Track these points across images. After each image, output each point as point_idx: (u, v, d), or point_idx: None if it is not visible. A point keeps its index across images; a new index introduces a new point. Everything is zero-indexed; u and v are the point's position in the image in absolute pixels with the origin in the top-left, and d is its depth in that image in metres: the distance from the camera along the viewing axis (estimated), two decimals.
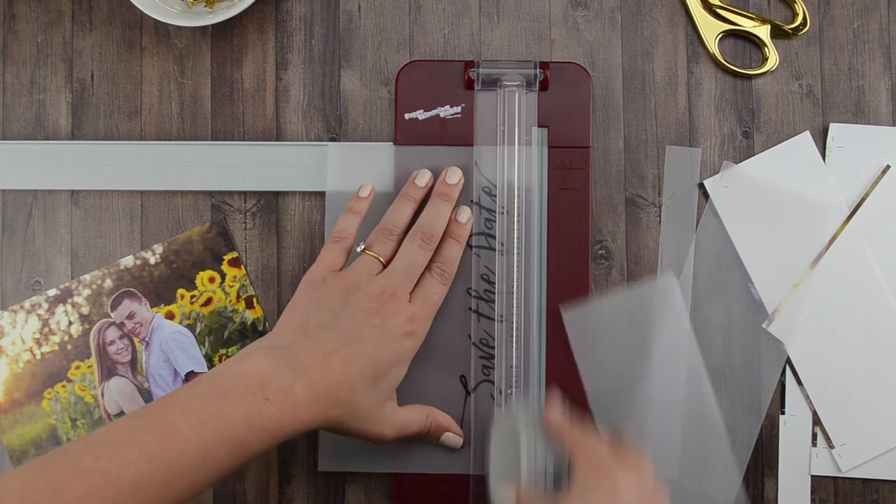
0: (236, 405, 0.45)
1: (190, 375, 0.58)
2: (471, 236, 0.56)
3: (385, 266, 0.53)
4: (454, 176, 0.56)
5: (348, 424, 0.49)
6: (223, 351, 0.58)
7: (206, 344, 0.58)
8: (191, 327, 0.58)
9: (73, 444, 0.44)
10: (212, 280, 0.58)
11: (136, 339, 0.58)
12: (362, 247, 0.53)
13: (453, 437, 0.55)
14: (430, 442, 0.55)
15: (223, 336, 0.58)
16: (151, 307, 0.58)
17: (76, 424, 0.58)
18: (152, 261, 0.58)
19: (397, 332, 0.50)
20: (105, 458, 0.43)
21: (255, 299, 0.58)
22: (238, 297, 0.58)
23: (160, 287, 0.58)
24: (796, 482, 0.57)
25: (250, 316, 0.58)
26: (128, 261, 0.58)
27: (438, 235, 0.54)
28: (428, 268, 0.53)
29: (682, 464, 0.56)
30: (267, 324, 0.58)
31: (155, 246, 0.58)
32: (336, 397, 0.48)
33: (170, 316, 0.58)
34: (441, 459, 0.56)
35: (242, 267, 0.58)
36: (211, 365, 0.58)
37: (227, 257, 0.58)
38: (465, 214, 0.56)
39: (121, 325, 0.58)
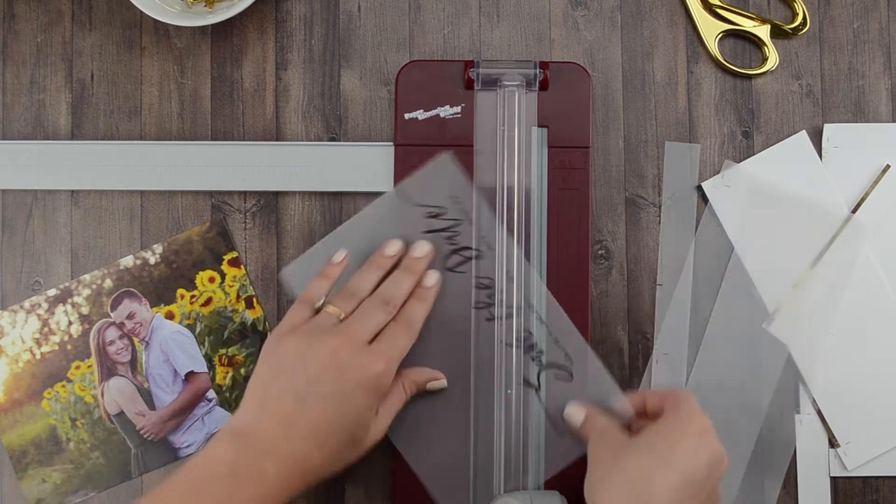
0: (210, 494, 0.46)
1: (190, 375, 0.58)
2: (467, 249, 0.56)
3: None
4: (422, 249, 0.55)
5: (335, 472, 0.50)
6: (223, 351, 0.58)
7: (206, 344, 0.58)
8: (191, 327, 0.58)
9: None
10: (212, 280, 0.58)
11: (135, 339, 0.58)
12: (321, 302, 0.53)
13: (437, 383, 0.55)
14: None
15: (223, 336, 0.58)
16: (151, 307, 0.58)
17: (76, 424, 0.58)
18: (152, 261, 0.58)
19: (359, 379, 0.49)
20: None
21: (255, 299, 0.58)
22: (238, 297, 0.58)
23: (160, 287, 0.58)
24: (814, 483, 0.57)
25: (250, 316, 0.58)
26: (128, 261, 0.58)
27: (398, 304, 0.53)
28: (392, 320, 0.52)
29: None
30: (267, 323, 0.58)
31: (155, 246, 0.58)
32: (311, 465, 0.48)
33: (170, 316, 0.58)
34: (443, 425, 0.56)
35: (242, 267, 0.58)
36: (210, 365, 0.58)
37: (226, 257, 0.58)
38: (432, 279, 0.55)
39: (121, 325, 0.58)
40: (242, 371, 0.58)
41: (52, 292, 0.58)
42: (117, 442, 0.58)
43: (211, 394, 0.58)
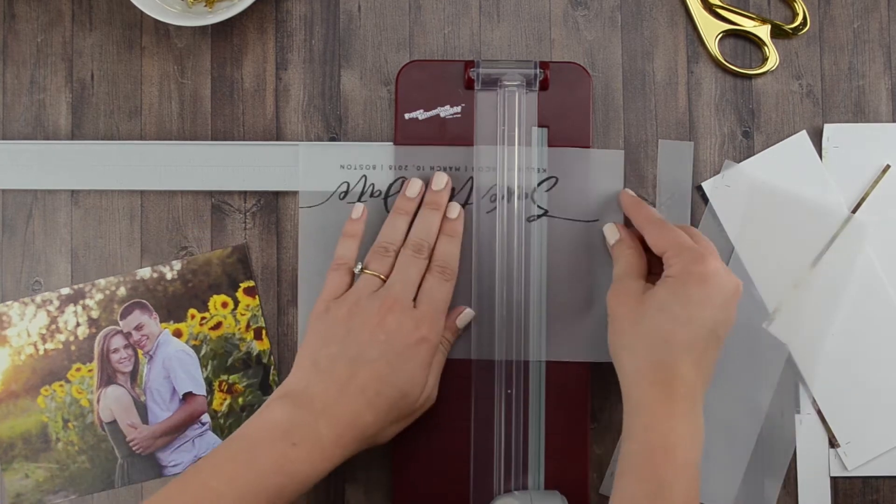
0: (264, 456, 0.47)
1: (187, 396, 0.58)
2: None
3: (384, 282, 0.53)
4: (440, 181, 0.56)
5: (388, 434, 0.51)
6: (224, 377, 0.58)
7: (209, 367, 0.58)
8: (196, 348, 0.58)
9: None
10: (224, 305, 0.58)
11: (140, 351, 0.58)
12: (360, 267, 0.54)
13: (464, 317, 0.56)
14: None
15: (226, 362, 0.58)
16: (161, 322, 0.58)
17: (67, 426, 0.58)
18: (169, 276, 0.58)
19: (407, 341, 0.51)
20: None
21: (264, 331, 0.58)
22: (248, 326, 0.58)
23: (172, 303, 0.58)
24: (814, 482, 0.57)
25: (257, 347, 0.58)
26: (145, 272, 0.58)
27: (430, 244, 0.54)
28: (428, 269, 0.54)
29: None
30: (272, 357, 0.58)
31: (174, 262, 0.58)
32: (362, 425, 0.49)
33: (177, 333, 0.58)
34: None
35: (257, 297, 0.58)
36: (210, 388, 0.58)
37: (243, 285, 0.58)
38: (455, 210, 0.56)
39: (127, 335, 0.58)
40: (240, 400, 0.58)
41: (65, 291, 0.58)
42: (105, 450, 0.58)
43: (206, 418, 0.58)
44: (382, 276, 0.53)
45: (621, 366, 0.51)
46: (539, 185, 0.56)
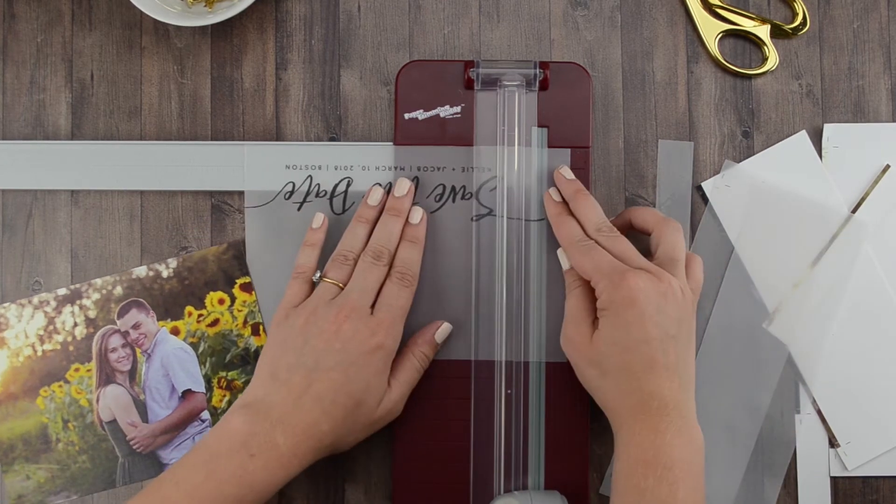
0: (223, 467, 0.47)
1: (187, 394, 0.58)
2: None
3: (341, 290, 0.53)
4: (402, 188, 0.56)
5: (345, 446, 0.51)
6: (223, 374, 0.58)
7: (207, 364, 0.58)
8: (194, 346, 0.58)
9: None
10: (221, 302, 0.58)
11: (138, 350, 0.58)
12: (318, 275, 0.54)
13: (442, 331, 0.55)
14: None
15: (225, 359, 0.58)
16: (158, 320, 0.58)
17: (67, 426, 0.58)
18: (165, 274, 0.58)
19: (363, 349, 0.50)
20: None
21: (261, 327, 0.58)
22: (245, 322, 0.58)
23: (169, 301, 0.58)
24: (814, 482, 0.57)
25: (255, 343, 0.58)
26: (140, 271, 0.58)
27: (390, 251, 0.54)
28: (388, 275, 0.53)
29: None
30: None
31: (169, 260, 0.58)
32: (319, 434, 0.49)
33: (175, 331, 0.58)
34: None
35: (253, 293, 0.58)
36: (209, 385, 0.58)
37: (239, 281, 0.58)
38: (417, 215, 0.56)
39: (125, 334, 0.58)
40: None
41: (61, 291, 0.58)
42: (106, 449, 0.58)
43: (205, 415, 0.58)
44: (341, 285, 0.53)
45: (599, 402, 0.51)
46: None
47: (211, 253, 0.58)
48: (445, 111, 0.57)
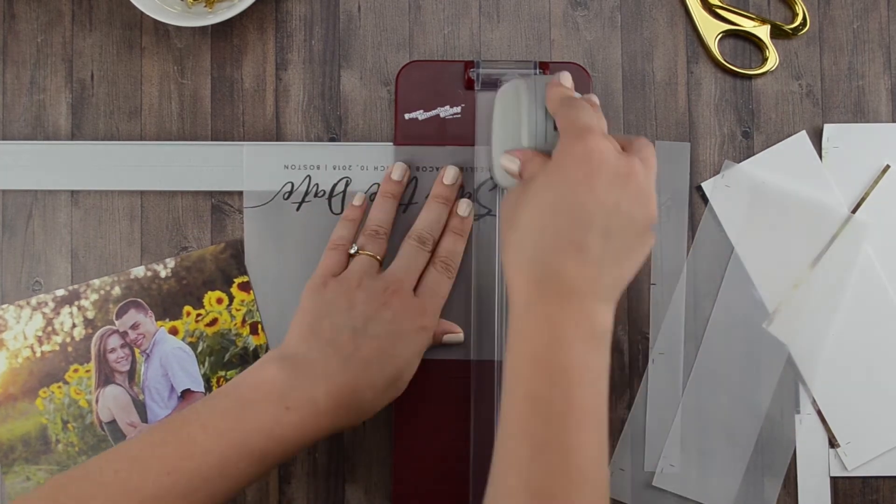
0: (255, 416, 0.45)
1: (186, 393, 0.58)
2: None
3: (381, 264, 0.53)
4: (450, 175, 0.56)
5: (375, 411, 0.50)
6: (222, 373, 0.58)
7: (206, 364, 0.58)
8: (193, 345, 0.58)
9: (93, 460, 0.45)
10: (219, 301, 0.58)
11: (137, 350, 0.58)
12: (355, 249, 0.54)
13: (454, 337, 0.55)
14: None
15: (224, 358, 0.58)
16: (156, 320, 0.58)
17: (67, 427, 0.58)
18: (163, 274, 0.58)
19: (410, 327, 0.50)
20: (125, 472, 0.44)
21: (260, 325, 0.58)
22: (244, 321, 0.58)
23: (167, 301, 0.58)
24: (814, 482, 0.57)
25: (253, 342, 0.58)
26: (139, 271, 0.58)
27: (434, 238, 0.54)
28: (431, 262, 0.54)
29: (682, 456, 0.56)
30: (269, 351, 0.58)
31: (167, 260, 0.58)
32: (360, 399, 0.48)
33: (173, 331, 0.58)
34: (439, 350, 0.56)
35: (251, 292, 0.58)
36: (208, 385, 0.58)
37: (237, 280, 0.58)
38: (466, 207, 0.56)
39: (124, 334, 0.58)
40: None
41: (60, 292, 0.58)
42: (106, 450, 0.57)
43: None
44: (378, 258, 0.53)
45: (504, 266, 0.45)
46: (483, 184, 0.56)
47: (209, 252, 0.58)
48: (445, 111, 0.57)
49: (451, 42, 0.60)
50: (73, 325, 0.58)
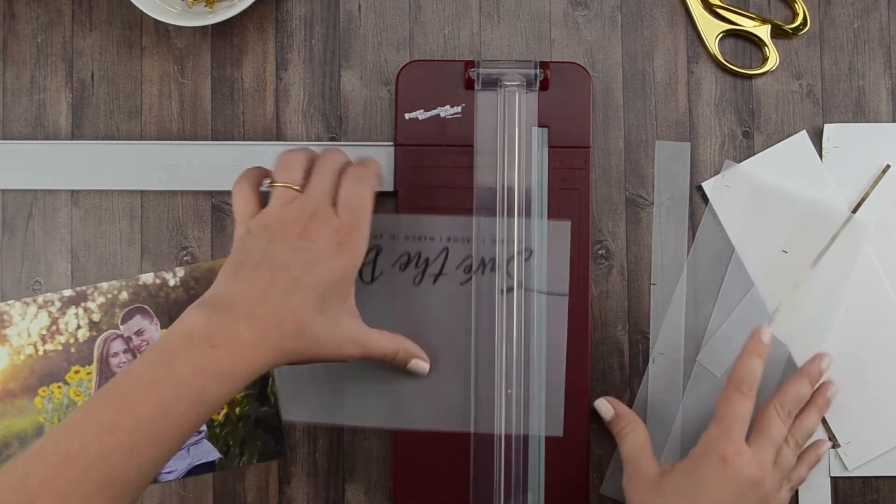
0: (184, 360, 0.45)
1: None
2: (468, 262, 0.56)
3: (300, 192, 0.50)
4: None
5: (308, 352, 0.48)
6: None
7: None
8: None
9: (38, 441, 0.44)
10: None
11: (139, 356, 0.58)
12: (268, 181, 0.51)
13: (421, 364, 0.54)
14: (399, 368, 0.54)
15: None
16: (161, 328, 0.58)
17: None
18: (171, 283, 0.58)
19: (327, 249, 0.48)
20: (65, 440, 0.44)
21: None
22: None
23: (174, 310, 0.58)
24: (814, 482, 0.57)
25: None
26: (147, 278, 0.58)
27: (344, 160, 0.52)
28: (344, 172, 0.51)
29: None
30: (272, 370, 0.58)
31: (177, 269, 0.58)
32: (284, 331, 0.47)
33: None
34: (435, 412, 0.56)
35: None
36: None
37: None
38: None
39: (127, 340, 0.58)
40: (238, 410, 0.58)
41: (67, 292, 0.58)
42: None
43: (202, 426, 0.57)
44: (296, 187, 0.50)
45: None
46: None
47: (219, 264, 0.58)
48: (446, 111, 0.57)
49: (451, 42, 0.60)
50: (78, 327, 0.58)
